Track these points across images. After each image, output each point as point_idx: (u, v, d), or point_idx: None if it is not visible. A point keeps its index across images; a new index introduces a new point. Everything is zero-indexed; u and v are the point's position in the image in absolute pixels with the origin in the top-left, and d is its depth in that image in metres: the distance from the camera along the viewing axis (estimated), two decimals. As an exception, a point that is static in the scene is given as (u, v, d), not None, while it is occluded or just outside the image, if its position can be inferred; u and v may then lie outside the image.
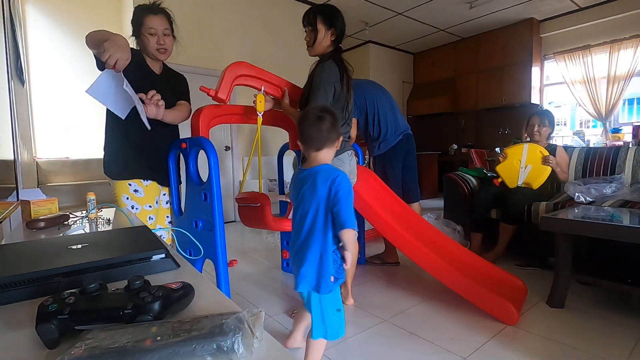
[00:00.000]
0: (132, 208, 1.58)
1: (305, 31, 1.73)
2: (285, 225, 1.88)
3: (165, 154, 1.67)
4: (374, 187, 2.37)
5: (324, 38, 1.68)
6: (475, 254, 2.14)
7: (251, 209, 1.84)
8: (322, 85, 1.61)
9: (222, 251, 1.59)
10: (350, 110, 1.77)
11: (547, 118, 2.68)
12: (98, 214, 1.18)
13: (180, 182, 1.78)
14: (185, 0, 3.87)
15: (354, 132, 2.08)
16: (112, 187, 1.59)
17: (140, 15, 1.50)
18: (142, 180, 1.59)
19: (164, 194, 1.73)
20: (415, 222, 2.27)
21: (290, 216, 1.88)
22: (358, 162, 2.60)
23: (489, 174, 3.18)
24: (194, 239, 1.48)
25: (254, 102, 1.77)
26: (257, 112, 1.76)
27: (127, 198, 1.56)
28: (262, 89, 1.80)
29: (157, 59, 1.58)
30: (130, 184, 1.57)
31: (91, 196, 1.19)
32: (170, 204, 1.77)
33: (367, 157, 3.29)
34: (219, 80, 1.66)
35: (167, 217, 1.77)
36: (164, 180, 1.68)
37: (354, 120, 2.06)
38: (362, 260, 2.62)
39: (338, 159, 1.68)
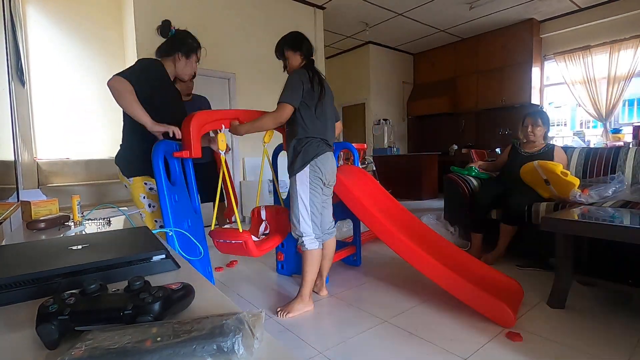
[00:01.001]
0: (149, 207, 1.64)
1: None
2: (265, 249, 1.86)
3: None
4: (368, 188, 2.36)
5: (294, 60, 1.92)
6: (470, 255, 2.13)
7: (230, 245, 1.81)
8: (288, 85, 1.77)
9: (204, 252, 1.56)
10: (324, 110, 1.86)
11: (540, 118, 2.67)
12: (85, 215, 1.18)
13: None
14: (187, 1, 3.88)
15: (338, 131, 2.09)
16: (129, 189, 1.66)
17: (195, 45, 1.77)
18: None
19: None
20: (410, 224, 2.27)
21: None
22: (353, 163, 2.60)
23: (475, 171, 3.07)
24: (194, 240, 1.48)
25: (214, 139, 1.82)
26: (220, 151, 1.75)
27: (144, 197, 1.64)
28: (223, 127, 1.80)
29: (179, 82, 1.84)
30: (146, 183, 1.64)
31: (77, 199, 1.18)
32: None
33: (365, 158, 3.29)
34: (186, 138, 1.59)
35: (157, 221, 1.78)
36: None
37: (338, 124, 2.09)
38: (359, 261, 2.61)
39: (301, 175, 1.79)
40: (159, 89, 1.64)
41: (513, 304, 1.78)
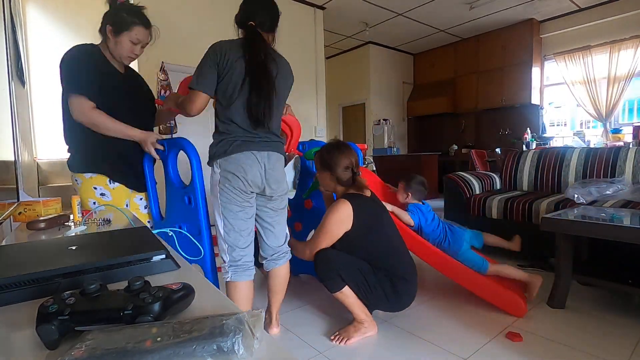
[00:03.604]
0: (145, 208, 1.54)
1: None
2: None
3: (137, 157, 1.55)
4: (375, 187, 2.37)
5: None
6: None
7: None
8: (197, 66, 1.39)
9: (210, 256, 1.47)
10: (261, 94, 1.36)
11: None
12: (85, 215, 1.19)
13: (156, 182, 1.65)
14: (187, 1, 3.87)
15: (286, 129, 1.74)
16: (78, 191, 1.46)
17: (129, 21, 1.41)
18: (108, 183, 1.47)
19: (141, 199, 1.64)
20: None
21: None
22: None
23: None
24: (195, 240, 1.47)
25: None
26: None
27: (94, 203, 1.45)
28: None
29: (119, 61, 1.49)
30: (95, 187, 1.45)
31: (77, 199, 1.18)
32: (148, 208, 1.67)
33: (365, 158, 3.29)
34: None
35: (149, 222, 1.67)
36: (133, 185, 1.56)
37: (289, 116, 1.69)
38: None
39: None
40: (107, 86, 1.41)
41: (522, 295, 1.85)
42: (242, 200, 1.40)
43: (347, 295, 1.60)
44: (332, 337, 1.62)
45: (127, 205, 1.56)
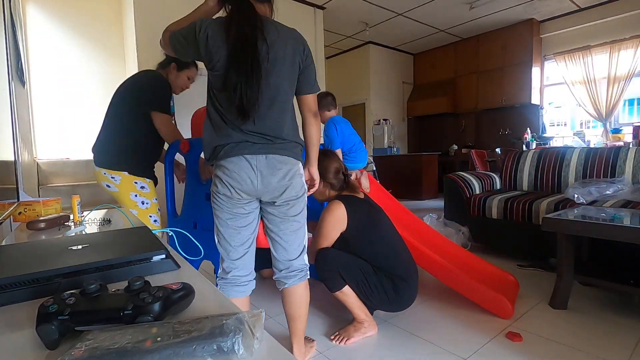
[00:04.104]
0: (142, 204, 1.69)
1: None
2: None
3: (157, 156, 1.83)
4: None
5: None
6: (468, 251, 2.16)
7: None
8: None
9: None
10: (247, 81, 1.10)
11: None
12: (86, 215, 1.19)
13: (157, 183, 1.84)
14: (187, 1, 3.87)
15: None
16: (117, 187, 1.68)
17: (190, 62, 1.84)
18: (145, 177, 1.73)
19: (136, 195, 1.80)
20: (406, 219, 2.29)
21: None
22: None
23: None
24: (194, 240, 1.47)
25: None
26: None
27: (136, 195, 1.69)
28: None
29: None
30: (136, 182, 1.69)
31: (77, 199, 1.18)
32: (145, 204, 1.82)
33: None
34: (195, 130, 1.79)
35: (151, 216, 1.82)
36: (155, 181, 1.82)
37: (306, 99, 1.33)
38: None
39: None
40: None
41: (510, 296, 1.82)
42: (232, 206, 1.21)
43: (347, 294, 1.60)
44: (332, 337, 1.62)
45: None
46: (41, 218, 1.02)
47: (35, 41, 3.77)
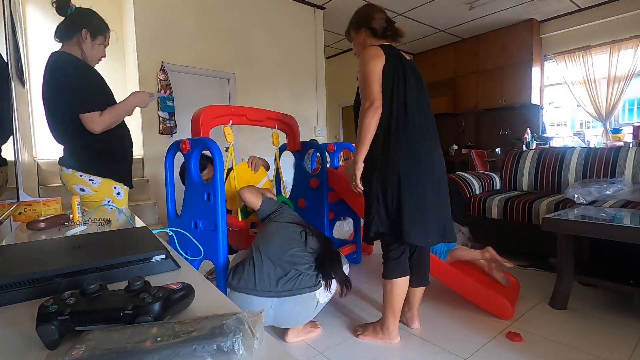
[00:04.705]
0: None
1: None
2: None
3: (130, 156, 1.69)
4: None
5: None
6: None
7: (231, 232, 1.84)
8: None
9: (223, 251, 1.60)
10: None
11: None
12: (85, 215, 1.19)
13: (132, 187, 1.70)
14: (187, 1, 3.87)
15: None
16: (92, 191, 1.52)
17: (105, 27, 1.59)
18: (123, 184, 1.61)
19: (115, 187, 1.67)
20: None
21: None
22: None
23: None
24: (194, 240, 1.48)
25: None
26: (228, 143, 1.80)
27: (109, 201, 1.53)
28: (230, 122, 1.83)
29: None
30: (115, 187, 1.56)
31: (77, 199, 1.18)
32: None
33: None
34: (195, 130, 1.68)
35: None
36: (129, 183, 1.67)
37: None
38: (359, 259, 2.64)
39: None
40: (101, 89, 1.54)
41: (510, 297, 1.82)
42: None
43: (393, 292, 1.53)
44: (355, 326, 1.68)
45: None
46: (41, 218, 1.02)
47: (35, 41, 3.77)
